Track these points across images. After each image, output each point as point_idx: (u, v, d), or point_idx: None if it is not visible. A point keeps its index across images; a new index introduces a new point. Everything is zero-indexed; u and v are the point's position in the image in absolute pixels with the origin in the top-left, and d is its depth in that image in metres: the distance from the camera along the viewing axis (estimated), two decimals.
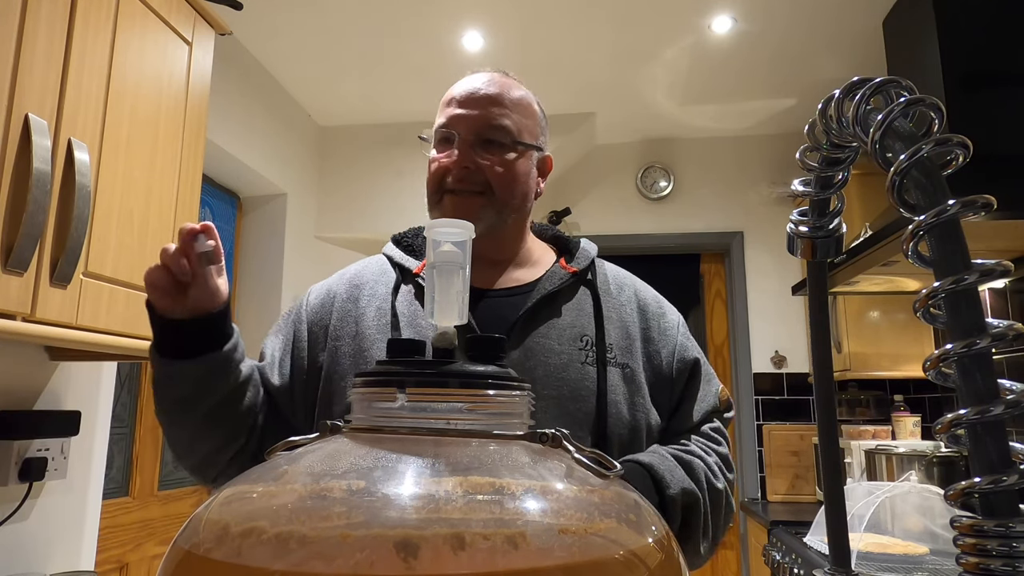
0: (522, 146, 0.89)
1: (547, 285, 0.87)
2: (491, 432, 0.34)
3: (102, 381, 1.63)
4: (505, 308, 0.85)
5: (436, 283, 0.40)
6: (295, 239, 2.99)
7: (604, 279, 0.92)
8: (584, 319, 0.86)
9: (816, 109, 0.38)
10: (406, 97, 2.98)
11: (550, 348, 0.83)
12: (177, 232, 0.45)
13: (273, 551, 0.27)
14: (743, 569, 3.02)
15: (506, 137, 0.87)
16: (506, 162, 0.87)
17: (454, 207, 0.85)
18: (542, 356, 0.82)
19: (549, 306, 0.86)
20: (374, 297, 0.90)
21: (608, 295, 0.90)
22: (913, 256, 0.30)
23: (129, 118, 1.25)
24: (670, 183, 3.35)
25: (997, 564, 0.26)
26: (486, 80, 0.90)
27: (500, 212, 0.87)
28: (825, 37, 2.52)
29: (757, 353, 3.17)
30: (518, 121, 0.89)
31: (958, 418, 0.28)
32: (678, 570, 0.31)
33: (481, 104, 0.87)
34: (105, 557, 1.96)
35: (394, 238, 1.00)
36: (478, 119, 0.86)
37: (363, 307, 0.89)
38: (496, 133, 0.87)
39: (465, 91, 0.89)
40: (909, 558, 1.64)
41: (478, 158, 0.86)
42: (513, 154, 0.87)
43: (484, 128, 0.86)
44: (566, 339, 0.84)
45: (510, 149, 0.87)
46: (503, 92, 0.89)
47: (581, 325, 0.85)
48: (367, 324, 0.87)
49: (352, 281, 0.94)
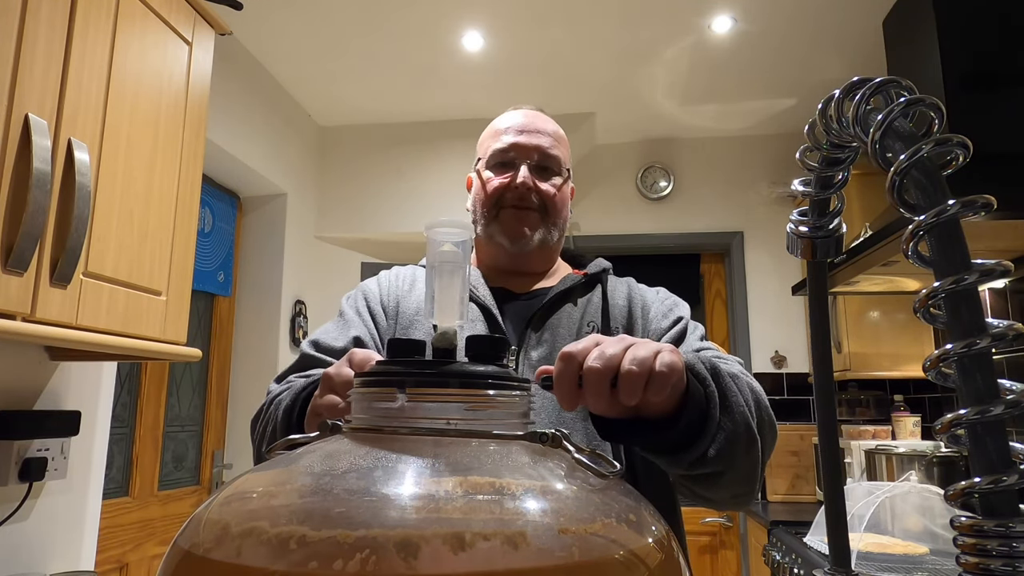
0: (568, 174, 1.02)
1: (561, 286, 0.99)
2: (491, 432, 0.34)
3: (102, 381, 1.63)
4: (527, 307, 0.98)
5: (436, 283, 0.40)
6: (295, 239, 2.99)
7: (614, 284, 1.03)
8: (592, 310, 0.97)
9: (816, 109, 0.37)
10: (406, 97, 2.98)
11: (561, 336, 0.93)
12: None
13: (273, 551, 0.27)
14: (743, 569, 3.02)
15: (558, 165, 1.01)
16: (557, 186, 1.00)
17: (516, 220, 0.97)
18: (556, 343, 0.92)
19: (563, 302, 0.98)
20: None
21: (615, 292, 1.01)
22: (913, 256, 0.30)
23: (129, 118, 1.25)
24: (670, 183, 3.35)
25: (997, 564, 0.26)
26: (535, 115, 1.04)
27: (550, 229, 1.00)
28: (825, 37, 2.52)
29: (757, 353, 3.17)
30: (563, 152, 1.03)
31: (958, 418, 0.28)
32: (678, 570, 0.31)
33: (539, 135, 1.00)
34: (105, 557, 1.96)
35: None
36: (537, 148, 0.99)
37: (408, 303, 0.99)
38: (551, 161, 1.00)
39: (523, 121, 1.02)
40: (909, 558, 1.64)
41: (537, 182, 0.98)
42: (561, 180, 1.01)
43: (542, 156, 0.99)
44: (575, 327, 0.95)
45: (559, 176, 1.01)
46: (551, 127, 1.03)
47: (589, 314, 0.96)
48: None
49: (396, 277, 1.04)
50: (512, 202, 0.97)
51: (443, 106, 3.05)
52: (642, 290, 1.03)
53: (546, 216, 0.99)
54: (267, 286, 2.87)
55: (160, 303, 1.32)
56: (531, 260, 1.01)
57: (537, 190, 0.98)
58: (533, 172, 0.98)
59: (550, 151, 1.00)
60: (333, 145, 3.30)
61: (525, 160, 0.98)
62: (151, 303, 1.30)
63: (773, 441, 0.75)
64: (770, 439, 0.73)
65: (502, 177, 0.99)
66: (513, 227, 0.97)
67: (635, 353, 0.57)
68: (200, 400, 2.65)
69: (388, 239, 3.26)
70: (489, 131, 1.05)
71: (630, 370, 0.56)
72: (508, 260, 1.01)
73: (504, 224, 0.98)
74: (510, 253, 0.99)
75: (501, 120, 1.04)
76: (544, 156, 0.99)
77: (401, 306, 0.98)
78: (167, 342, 1.34)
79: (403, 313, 0.97)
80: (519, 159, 0.98)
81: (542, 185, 0.98)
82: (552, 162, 1.00)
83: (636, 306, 0.98)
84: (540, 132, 1.01)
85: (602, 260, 1.06)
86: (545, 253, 1.02)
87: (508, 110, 1.07)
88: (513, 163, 0.99)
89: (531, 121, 1.02)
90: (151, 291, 1.30)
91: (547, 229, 0.99)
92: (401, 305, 0.98)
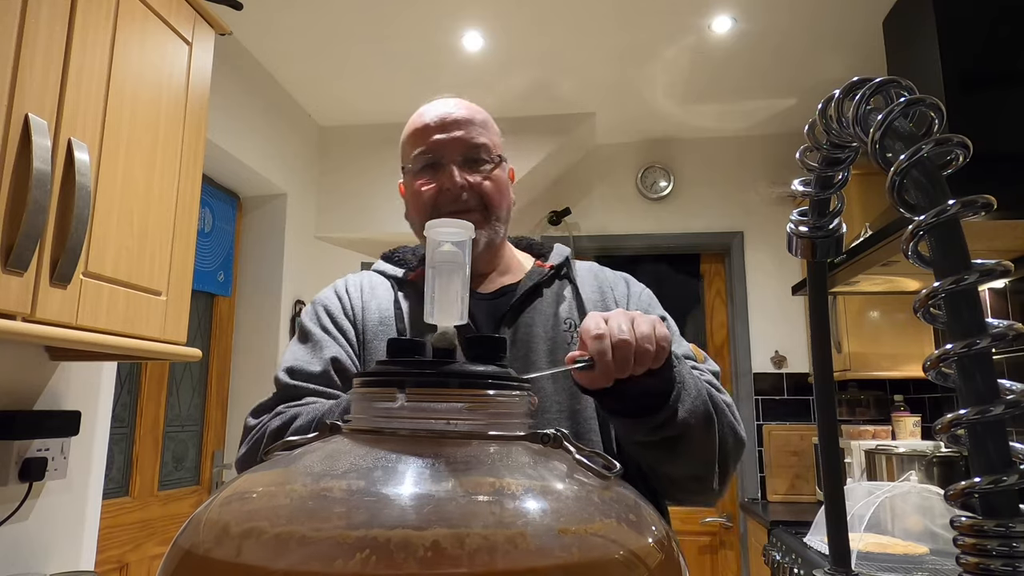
0: (499, 159, 0.95)
1: (528, 281, 0.94)
2: (491, 432, 0.34)
3: (102, 381, 1.63)
4: (494, 306, 0.93)
5: (436, 283, 0.40)
6: (295, 239, 2.99)
7: (581, 274, 1.00)
8: (565, 305, 0.94)
9: (816, 109, 0.37)
10: (406, 97, 2.98)
11: (537, 335, 0.90)
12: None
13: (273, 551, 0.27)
14: (743, 569, 3.02)
15: (487, 153, 0.93)
16: (492, 177, 0.92)
17: None
18: (532, 343, 0.89)
19: (533, 299, 0.93)
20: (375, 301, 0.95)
21: (584, 283, 0.98)
22: (913, 256, 0.30)
23: (129, 118, 1.25)
24: (670, 183, 3.35)
25: (997, 564, 0.26)
26: (453, 104, 0.95)
27: (495, 226, 0.93)
28: (825, 37, 2.52)
29: (757, 353, 3.17)
30: (491, 137, 0.95)
31: (958, 418, 0.28)
32: (678, 570, 0.31)
33: (458, 127, 0.92)
34: (105, 557, 1.96)
35: (383, 255, 1.04)
36: (460, 141, 0.91)
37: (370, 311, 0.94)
38: (479, 151, 0.92)
39: (438, 116, 0.93)
40: (909, 558, 1.63)
41: (468, 177, 0.91)
42: (494, 168, 0.93)
43: (468, 148, 0.91)
44: (551, 325, 0.91)
45: (492, 164, 0.93)
46: (471, 113, 0.94)
47: (563, 311, 0.93)
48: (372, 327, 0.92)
49: (354, 287, 0.98)
50: (448, 207, 0.90)
51: None
52: (609, 277, 1.00)
53: (487, 212, 0.91)
54: (267, 286, 2.87)
55: (160, 303, 1.32)
56: (481, 262, 0.94)
57: (471, 187, 0.90)
58: (462, 168, 0.90)
59: (475, 140, 0.91)
60: (333, 145, 3.30)
61: (451, 158, 0.90)
62: (151, 303, 1.30)
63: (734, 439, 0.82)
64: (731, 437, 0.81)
65: (430, 182, 0.91)
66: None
67: (641, 330, 0.66)
68: (200, 400, 2.65)
69: (388, 239, 3.26)
70: (406, 134, 0.97)
71: (645, 348, 0.66)
72: None
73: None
74: None
75: (416, 118, 0.96)
76: (469, 147, 0.91)
77: (366, 315, 0.92)
78: (167, 342, 1.33)
79: (368, 321, 0.92)
80: (444, 158, 0.91)
81: (475, 180, 0.91)
82: (480, 152, 0.92)
83: (608, 299, 0.96)
84: (459, 122, 0.92)
85: (561, 247, 1.02)
86: (494, 251, 0.96)
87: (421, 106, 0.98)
88: (439, 163, 0.91)
89: (448, 111, 0.93)
90: (151, 291, 1.30)
91: (491, 227, 0.92)
92: (366, 313, 0.93)
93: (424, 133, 0.93)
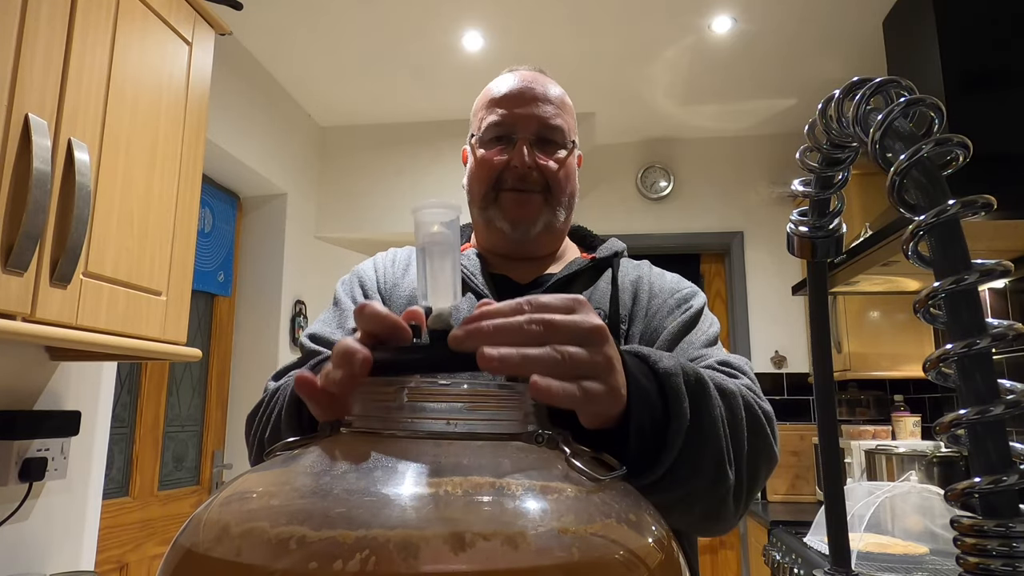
0: (572, 144, 0.89)
1: (565, 272, 0.89)
2: (491, 432, 0.34)
3: (102, 381, 1.63)
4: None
5: (428, 265, 0.40)
6: (295, 239, 2.99)
7: (625, 268, 0.92)
8: (599, 296, 0.86)
9: (816, 109, 0.38)
10: (406, 97, 2.98)
11: None
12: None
13: (273, 551, 0.27)
14: (743, 569, 3.02)
15: (561, 137, 0.88)
16: (561, 161, 0.87)
17: (517, 205, 0.86)
18: None
19: (566, 290, 0.86)
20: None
21: (624, 276, 0.90)
22: (913, 256, 0.30)
23: (129, 118, 1.25)
24: (670, 183, 3.35)
25: (997, 564, 0.26)
26: (532, 79, 0.90)
27: (556, 210, 0.88)
28: (825, 37, 2.52)
29: (757, 353, 3.17)
30: (567, 120, 0.89)
31: (958, 418, 0.28)
32: (678, 570, 0.31)
33: (539, 103, 0.87)
34: (105, 557, 1.96)
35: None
36: (536, 119, 0.86)
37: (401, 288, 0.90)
38: (554, 133, 0.87)
39: (517, 89, 0.88)
40: (909, 558, 1.64)
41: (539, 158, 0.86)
42: (566, 153, 0.88)
43: (543, 128, 0.87)
44: None
45: (564, 148, 0.88)
46: (553, 91, 0.89)
47: (595, 301, 0.85)
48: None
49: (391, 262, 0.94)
50: (512, 184, 0.86)
51: (443, 106, 3.05)
52: (654, 275, 0.91)
53: (551, 196, 0.87)
54: (267, 286, 2.87)
55: (160, 303, 1.32)
56: (536, 245, 0.90)
57: (539, 168, 0.86)
58: (533, 147, 0.86)
59: (552, 121, 0.87)
60: (333, 145, 3.30)
61: (524, 134, 0.86)
62: (151, 303, 1.30)
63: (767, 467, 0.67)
64: (764, 469, 0.65)
65: (498, 155, 0.87)
66: (514, 212, 0.86)
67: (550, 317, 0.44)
68: (200, 400, 2.65)
69: (388, 239, 3.26)
70: (482, 100, 0.92)
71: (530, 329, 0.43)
72: (510, 247, 0.90)
73: (504, 208, 0.87)
74: (512, 239, 0.88)
75: (495, 86, 0.91)
76: (545, 127, 0.86)
77: (395, 293, 0.88)
78: (167, 342, 1.33)
79: (397, 300, 0.88)
80: (517, 133, 0.86)
81: (544, 162, 0.86)
82: (555, 134, 0.87)
83: (643, 292, 0.87)
84: (540, 100, 0.87)
85: (616, 241, 0.96)
86: (552, 236, 0.91)
87: (503, 72, 0.93)
88: (510, 138, 0.87)
89: (529, 87, 0.88)
90: (151, 291, 1.30)
91: (552, 211, 0.87)
92: (396, 291, 0.89)
93: (500, 103, 0.88)
